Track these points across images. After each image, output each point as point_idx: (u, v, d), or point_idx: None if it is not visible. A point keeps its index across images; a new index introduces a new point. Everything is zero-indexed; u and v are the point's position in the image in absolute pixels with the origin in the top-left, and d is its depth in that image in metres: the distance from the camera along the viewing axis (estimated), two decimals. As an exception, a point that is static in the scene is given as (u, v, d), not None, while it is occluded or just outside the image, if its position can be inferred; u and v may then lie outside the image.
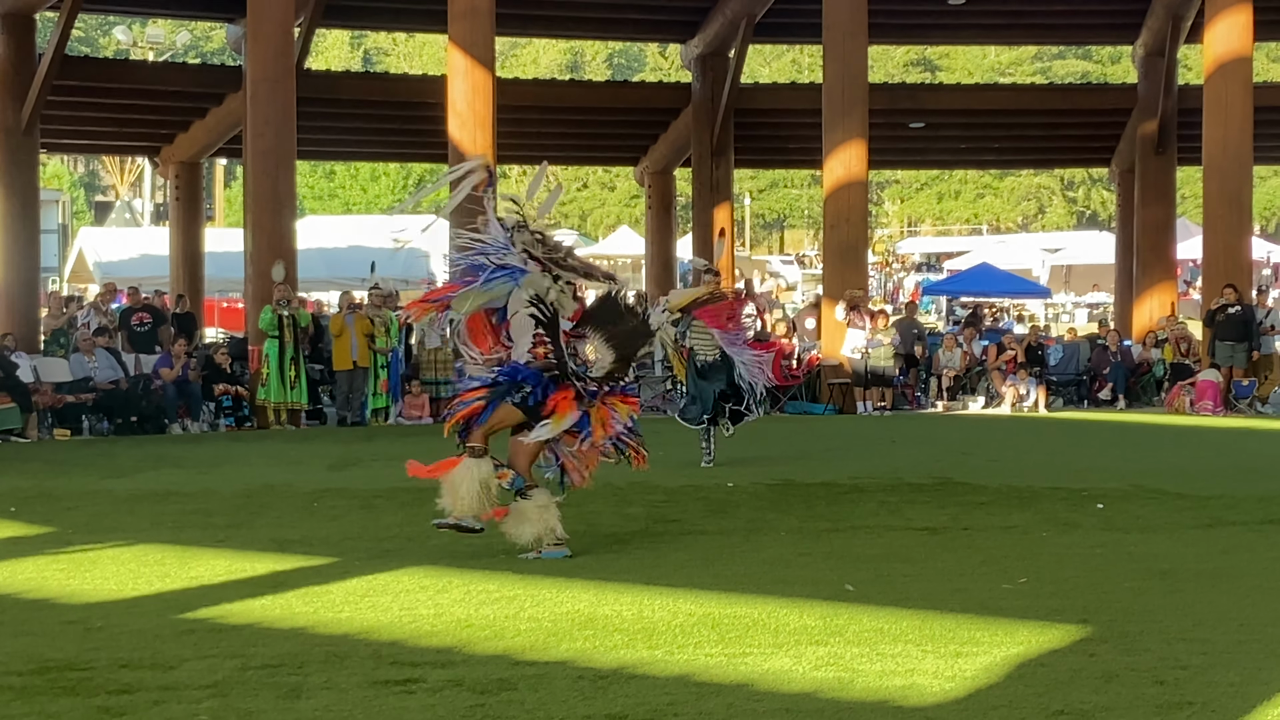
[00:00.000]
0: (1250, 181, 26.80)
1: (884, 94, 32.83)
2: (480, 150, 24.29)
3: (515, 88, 32.89)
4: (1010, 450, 19.01)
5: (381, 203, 69.98)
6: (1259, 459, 17.71)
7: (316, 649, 7.74)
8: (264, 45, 24.04)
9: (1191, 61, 44.56)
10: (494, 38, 25.14)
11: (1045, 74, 73.21)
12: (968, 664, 7.26)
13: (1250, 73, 26.06)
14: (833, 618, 8.35)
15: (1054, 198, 78.84)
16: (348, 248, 36.14)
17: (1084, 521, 12.24)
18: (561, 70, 72.40)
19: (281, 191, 24.09)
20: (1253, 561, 10.32)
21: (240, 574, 10.09)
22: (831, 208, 26.28)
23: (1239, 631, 7.97)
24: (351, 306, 24.16)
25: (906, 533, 11.74)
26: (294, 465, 17.49)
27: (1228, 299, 24.86)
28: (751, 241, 77.56)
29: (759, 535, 11.63)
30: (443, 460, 10.76)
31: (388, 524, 12.51)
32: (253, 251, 23.89)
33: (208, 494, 14.64)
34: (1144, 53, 32.05)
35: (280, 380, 22.65)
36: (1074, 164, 55.42)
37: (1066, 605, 8.70)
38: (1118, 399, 26.11)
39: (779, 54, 73.56)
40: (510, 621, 8.39)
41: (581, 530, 11.90)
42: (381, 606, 8.86)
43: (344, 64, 70.84)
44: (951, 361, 26.51)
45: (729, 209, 32.96)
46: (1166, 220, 32.20)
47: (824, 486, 14.63)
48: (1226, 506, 13.10)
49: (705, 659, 7.45)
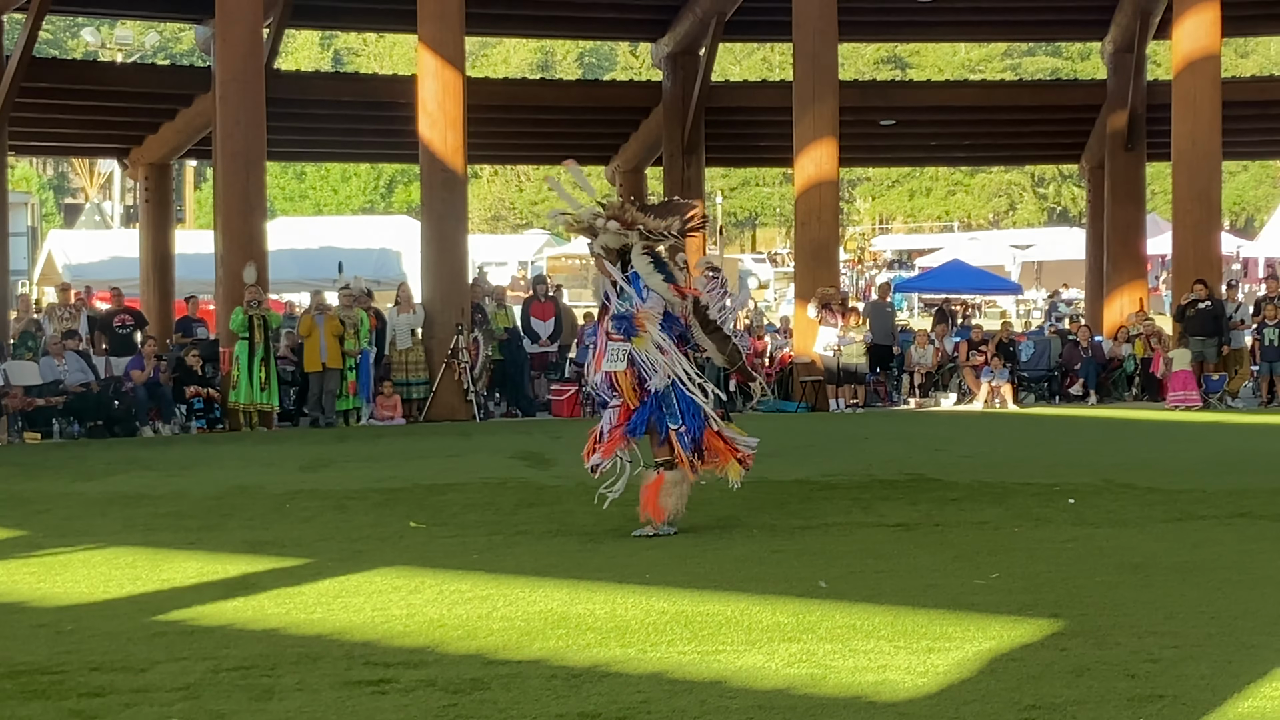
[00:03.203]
0: (1219, 177, 26.91)
1: (854, 91, 32.81)
2: (451, 150, 24.33)
3: (486, 87, 32.84)
4: (982, 446, 19.06)
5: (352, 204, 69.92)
6: (1229, 453, 17.77)
7: (289, 650, 7.73)
8: (233, 46, 23.99)
9: (1160, 58, 44.67)
10: (464, 37, 25.11)
11: (1015, 71, 73.37)
12: (940, 659, 7.28)
13: (1218, 69, 26.15)
14: (805, 614, 8.37)
15: (1024, 194, 79.06)
16: (319, 249, 36.04)
17: (1055, 516, 12.28)
18: (532, 69, 72.36)
19: (252, 193, 24.04)
20: (1223, 555, 10.36)
21: (212, 576, 10.07)
22: (803, 206, 26.31)
23: (1210, 624, 7.99)
24: (321, 308, 24.10)
25: (879, 529, 11.76)
26: (266, 467, 17.46)
27: (1198, 294, 24.94)
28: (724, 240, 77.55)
29: (731, 533, 11.64)
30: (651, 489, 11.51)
31: (360, 525, 12.49)
32: (223, 253, 23.85)
33: (179, 496, 14.61)
34: (1113, 49, 32.15)
35: (250, 382, 22.60)
36: (1044, 160, 55.76)
37: (1038, 600, 8.73)
38: (1089, 394, 26.19)
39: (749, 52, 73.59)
40: (483, 621, 8.39)
41: (554, 530, 11.92)
42: (354, 607, 8.85)
43: (314, 64, 70.67)
44: (924, 358, 26.58)
45: (701, 208, 32.92)
46: (1136, 216, 32.31)
47: (797, 484, 14.65)
48: (1197, 500, 13.15)
49: (678, 656, 7.45)
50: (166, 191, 32.85)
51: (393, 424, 23.49)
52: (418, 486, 14.96)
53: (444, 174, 24.48)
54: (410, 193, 64.60)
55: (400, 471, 16.46)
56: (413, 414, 24.01)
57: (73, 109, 30.48)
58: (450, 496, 14.18)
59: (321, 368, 23.34)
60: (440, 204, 24.75)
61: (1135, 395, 26.39)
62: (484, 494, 14.36)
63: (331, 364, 23.32)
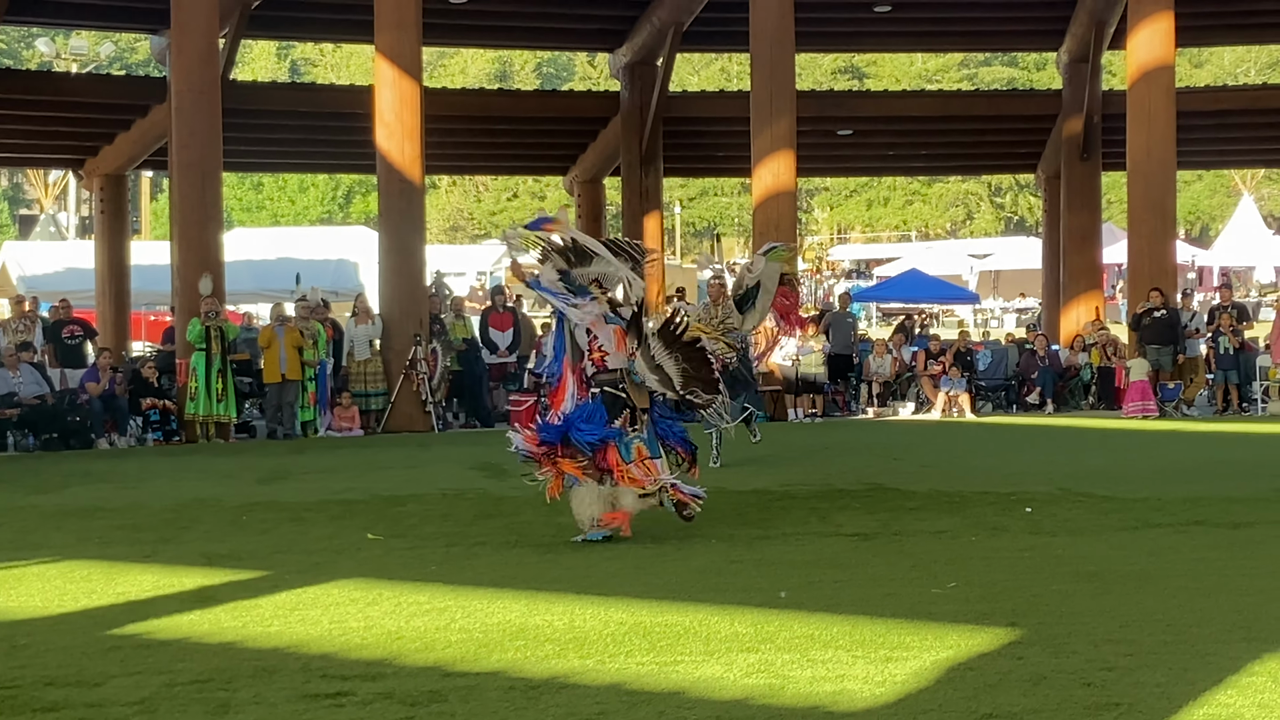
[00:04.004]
0: (1174, 186, 27.09)
1: (812, 101, 32.95)
2: (409, 160, 24.29)
3: (443, 97, 32.86)
4: (940, 456, 19.11)
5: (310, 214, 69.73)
6: (1185, 461, 17.87)
7: (245, 664, 7.70)
8: (189, 56, 23.92)
9: (1115, 68, 44.93)
10: (421, 48, 25.10)
11: (972, 81, 73.66)
12: (898, 668, 7.30)
13: (1173, 79, 26.34)
14: (763, 625, 8.37)
15: (982, 204, 79.38)
16: (276, 260, 35.89)
17: (1012, 525, 12.32)
18: (490, 80, 72.32)
19: (208, 203, 23.97)
20: (1179, 563, 10.42)
21: (168, 589, 10.02)
22: (761, 216, 26.34)
23: (1165, 632, 8.03)
24: (281, 319, 24.03)
25: (837, 539, 11.78)
26: (223, 479, 17.38)
27: (1154, 302, 25.09)
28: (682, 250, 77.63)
29: (690, 543, 11.64)
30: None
31: (317, 537, 12.45)
32: (179, 264, 23.76)
33: (135, 509, 14.53)
34: (1068, 59, 32.32)
35: (207, 394, 22.52)
36: (1001, 170, 55.90)
37: (995, 609, 8.76)
38: (1046, 403, 26.28)
39: (707, 62, 73.71)
40: (441, 633, 8.37)
41: (512, 541, 11.91)
42: (311, 620, 8.82)
43: (271, 75, 70.53)
44: (882, 368, 26.64)
45: (659, 218, 32.99)
46: (1092, 225, 32.47)
47: (755, 494, 14.66)
48: (1153, 509, 13.21)
49: (636, 668, 7.45)
50: (122, 202, 32.71)
51: (351, 435, 23.43)
52: (376, 498, 14.93)
53: (402, 184, 24.44)
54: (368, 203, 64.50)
55: (358, 483, 16.41)
56: (371, 425, 23.96)
57: (27, 119, 30.33)
58: (408, 508, 14.15)
59: (281, 379, 23.26)
60: (398, 214, 24.71)
61: (1092, 404, 26.51)
62: (442, 505, 14.33)
63: (291, 375, 23.25)
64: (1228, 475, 15.84)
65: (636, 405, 11.87)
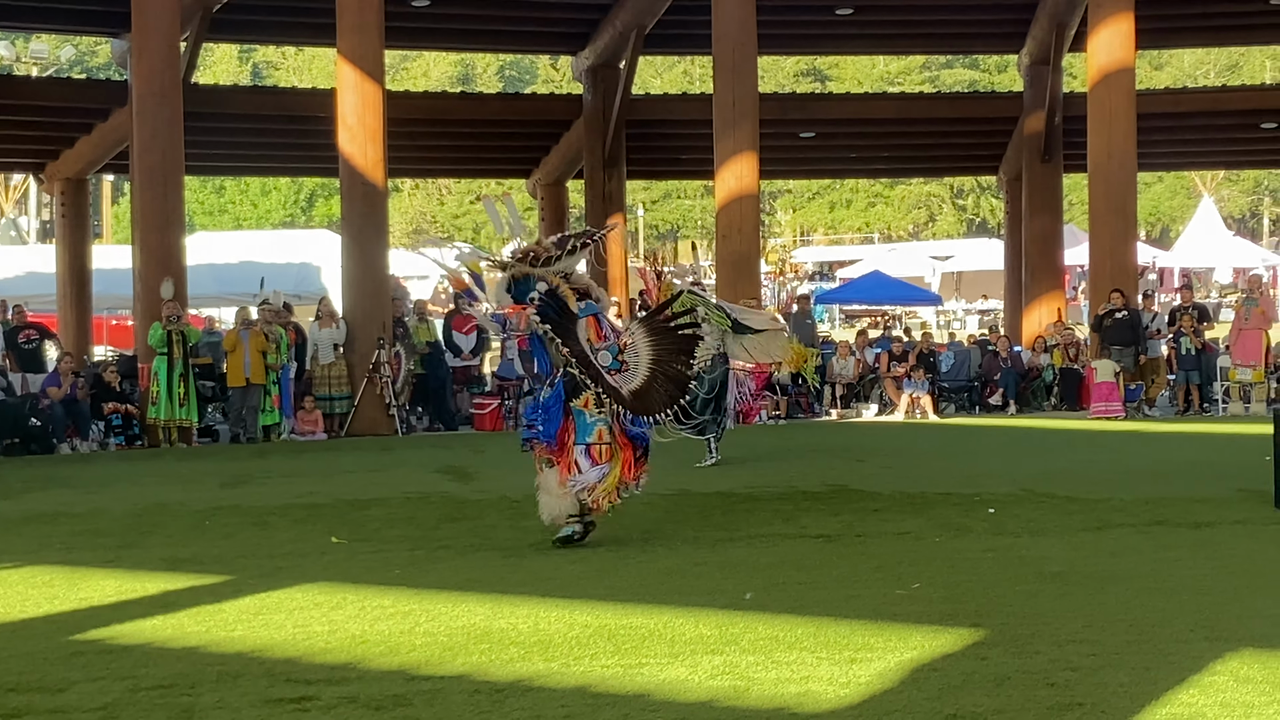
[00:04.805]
0: (1135, 188, 27.16)
1: (775, 104, 32.97)
2: (371, 163, 24.25)
3: (406, 101, 32.78)
4: (903, 457, 19.14)
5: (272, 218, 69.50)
6: (1146, 461, 17.93)
7: (209, 669, 7.67)
8: (150, 59, 23.82)
9: (1076, 70, 45.10)
10: (383, 51, 25.05)
11: (934, 83, 73.93)
12: (862, 670, 7.31)
13: (1133, 81, 26.42)
14: (728, 626, 8.38)
15: (944, 206, 79.62)
16: (238, 263, 35.80)
17: (975, 526, 12.35)
18: (452, 83, 72.20)
19: (170, 207, 23.87)
20: (1141, 563, 10.46)
21: (131, 594, 9.98)
22: (724, 219, 26.37)
23: (1128, 632, 8.07)
24: (247, 323, 23.91)
25: (801, 540, 11.79)
26: (185, 483, 17.31)
27: (1115, 304, 25.19)
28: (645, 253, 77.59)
29: (654, 546, 11.64)
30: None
31: (281, 540, 12.41)
32: (141, 268, 23.66)
33: (97, 514, 14.48)
34: (1029, 61, 32.42)
35: (169, 398, 22.44)
36: (963, 172, 56.16)
37: (959, 610, 8.78)
38: (1009, 404, 26.36)
39: (670, 65, 73.74)
40: (405, 637, 8.35)
41: (476, 544, 11.89)
42: (275, 624, 8.80)
43: (232, 78, 70.35)
44: (845, 370, 26.69)
45: (622, 220, 33.00)
46: (1054, 227, 32.58)
47: (719, 496, 14.67)
48: (1115, 509, 13.25)
49: (601, 670, 7.45)
50: (83, 206, 32.56)
51: (314, 439, 23.39)
52: (339, 502, 14.89)
53: (364, 187, 24.40)
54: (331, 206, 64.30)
55: (322, 487, 16.38)
56: (335, 429, 23.91)
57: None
58: (372, 512, 14.12)
59: (245, 383, 23.19)
60: (361, 217, 24.67)
61: (1054, 405, 26.60)
62: (406, 509, 14.30)
63: (255, 379, 23.18)
64: (1189, 476, 15.90)
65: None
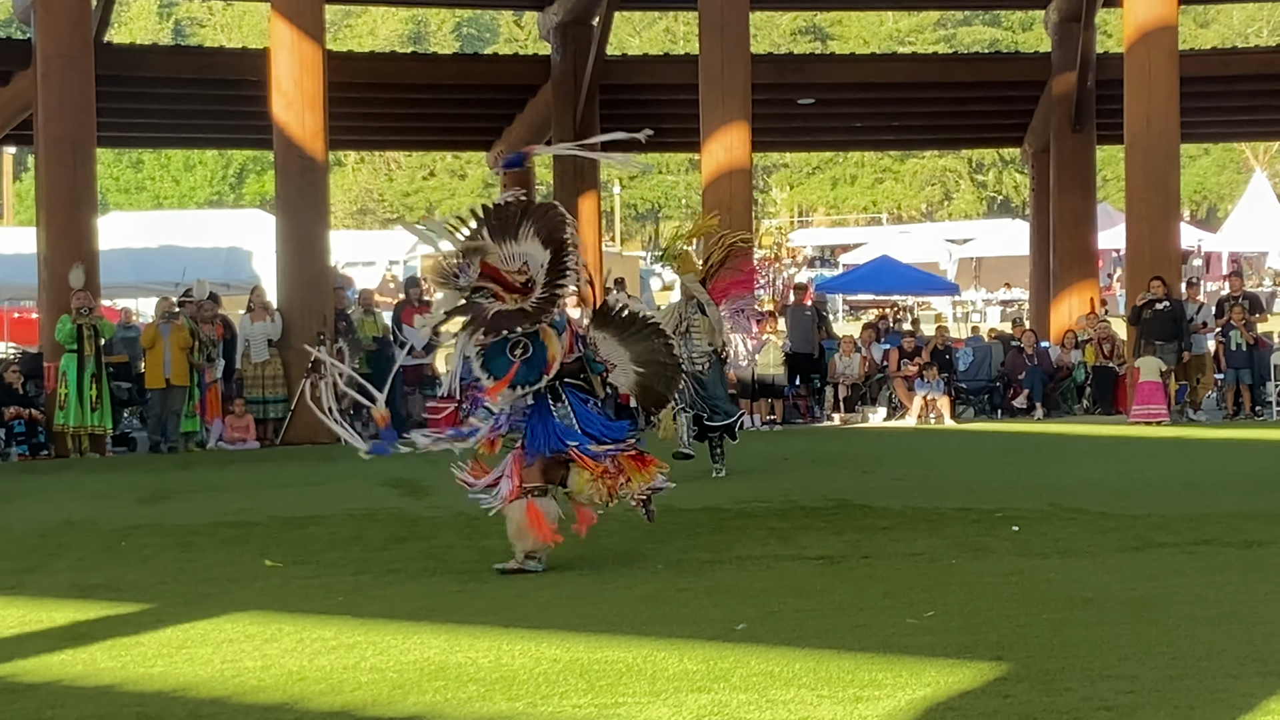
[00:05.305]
0: (1177, 161, 27.20)
1: (769, 66, 33.03)
2: (310, 134, 24.22)
3: (349, 63, 32.79)
4: (915, 468, 19.17)
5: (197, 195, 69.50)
6: (1191, 472, 17.98)
7: (126, 709, 7.67)
8: (57, 16, 23.80)
9: (1111, 27, 45.27)
10: (324, 5, 25.05)
11: (949, 43, 74.15)
12: (869, 709, 7.33)
13: (1175, 40, 26.47)
14: (717, 661, 8.39)
15: (961, 182, 79.86)
16: (159, 248, 35.76)
17: (997, 546, 12.37)
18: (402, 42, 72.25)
19: (80, 184, 23.85)
20: (1184, 588, 10.48)
21: (36, 625, 9.98)
22: (711, 196, 26.39)
23: (1169, 666, 8.09)
24: (167, 316, 23.82)
25: (799, 563, 11.81)
26: (98, 499, 17.31)
27: (1155, 293, 25.19)
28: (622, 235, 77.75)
29: (633, 569, 11.65)
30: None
31: (207, 564, 12.40)
32: (47, 254, 23.62)
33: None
34: (1058, 18, 32.49)
35: (80, 401, 22.39)
36: (983, 144, 56.30)
37: (978, 641, 8.80)
38: (1034, 407, 26.40)
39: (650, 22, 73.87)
40: (349, 673, 8.36)
41: (431, 568, 11.90)
42: (200, 659, 8.79)
43: (151, 37, 70.23)
44: (849, 368, 26.70)
45: (596, 198, 33.02)
46: (1086, 206, 32.64)
47: (706, 512, 14.67)
48: (1155, 526, 13.28)
49: (573, 711, 7.46)
50: (-19, 183, 32.52)
51: (245, 448, 23.37)
52: (274, 519, 14.89)
53: (302, 161, 24.38)
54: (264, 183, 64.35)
55: (254, 503, 16.37)
56: (268, 436, 23.89)
57: None
58: (311, 530, 14.12)
59: (165, 384, 23.13)
60: (298, 195, 24.65)
61: (1086, 408, 26.66)
62: (350, 527, 14.30)
63: (177, 381, 23.12)
64: (1239, 488, 15.94)
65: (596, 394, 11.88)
